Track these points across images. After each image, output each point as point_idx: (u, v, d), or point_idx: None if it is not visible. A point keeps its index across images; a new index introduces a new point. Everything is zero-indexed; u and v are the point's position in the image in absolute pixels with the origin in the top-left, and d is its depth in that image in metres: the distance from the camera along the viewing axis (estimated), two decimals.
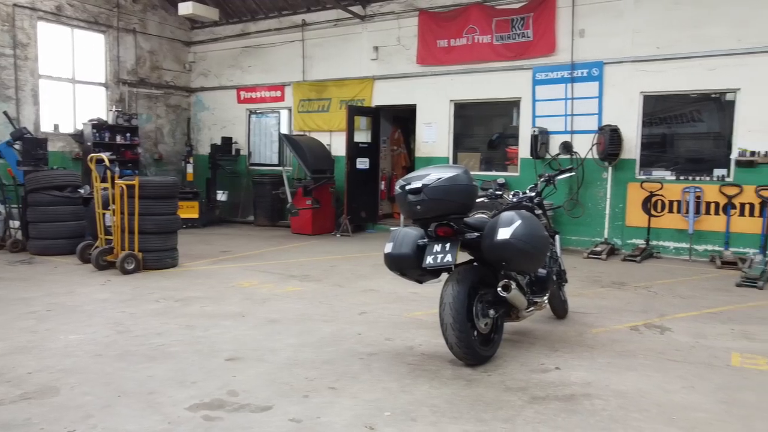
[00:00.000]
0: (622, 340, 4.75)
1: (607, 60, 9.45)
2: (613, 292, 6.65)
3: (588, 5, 9.55)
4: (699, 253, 8.89)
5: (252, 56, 13.39)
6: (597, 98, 9.56)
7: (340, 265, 8.08)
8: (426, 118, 11.22)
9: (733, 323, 5.31)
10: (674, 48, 8.97)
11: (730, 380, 3.89)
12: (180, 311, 5.46)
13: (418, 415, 3.28)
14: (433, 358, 4.26)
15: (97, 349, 4.32)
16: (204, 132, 14.29)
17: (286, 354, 4.29)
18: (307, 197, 11.08)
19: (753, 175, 8.53)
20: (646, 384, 3.80)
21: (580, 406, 3.43)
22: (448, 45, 10.78)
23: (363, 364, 4.10)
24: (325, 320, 5.25)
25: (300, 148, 10.80)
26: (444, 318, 3.89)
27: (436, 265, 3.93)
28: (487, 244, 3.92)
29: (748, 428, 3.18)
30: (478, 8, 10.43)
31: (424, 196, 3.82)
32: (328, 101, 12.24)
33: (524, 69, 10.14)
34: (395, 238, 4.25)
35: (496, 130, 11.03)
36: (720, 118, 8.96)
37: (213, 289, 6.45)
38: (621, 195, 9.44)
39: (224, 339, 4.63)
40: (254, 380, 3.76)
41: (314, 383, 3.73)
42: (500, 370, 4.01)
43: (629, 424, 3.21)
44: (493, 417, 3.26)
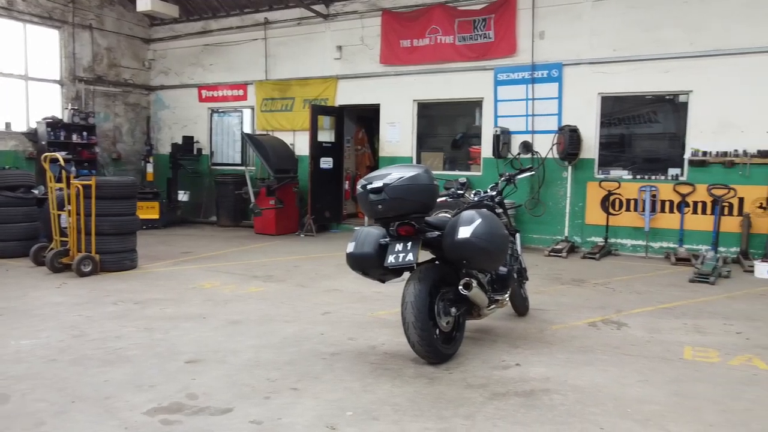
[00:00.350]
0: (580, 336, 4.85)
1: (567, 61, 9.64)
2: (572, 289, 6.78)
3: (547, 7, 9.72)
4: (655, 250, 9.14)
5: (214, 54, 13.20)
6: (557, 99, 9.74)
7: (303, 265, 8.04)
8: (389, 117, 11.24)
9: (686, 318, 5.48)
10: (630, 50, 9.20)
11: (683, 373, 4.01)
12: (139, 314, 5.35)
13: (380, 414, 3.28)
14: (395, 356, 4.28)
15: (51, 354, 4.20)
16: (164, 131, 14.02)
17: (248, 355, 4.25)
18: (271, 197, 10.98)
19: (705, 175, 8.82)
20: (603, 378, 3.89)
21: (539, 402, 3.49)
22: (411, 45, 10.82)
23: (325, 364, 4.09)
24: (288, 321, 5.21)
25: (263, 147, 10.69)
26: (406, 317, 3.91)
27: (398, 264, 3.94)
28: (447, 242, 3.96)
29: (698, 419, 3.28)
30: (441, 9, 10.50)
31: (385, 196, 3.83)
32: (291, 100, 12.15)
33: (486, 70, 10.26)
34: (357, 238, 4.25)
35: (460, 130, 11.13)
36: (674, 119, 9.23)
37: (173, 290, 6.33)
38: (581, 194, 9.64)
39: (184, 341, 4.56)
40: (214, 382, 3.71)
41: (276, 384, 3.70)
42: (462, 368, 4.04)
43: (586, 417, 3.28)
44: (453, 414, 3.29)
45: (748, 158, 8.55)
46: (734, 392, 3.68)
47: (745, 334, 4.98)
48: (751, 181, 8.54)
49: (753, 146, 8.52)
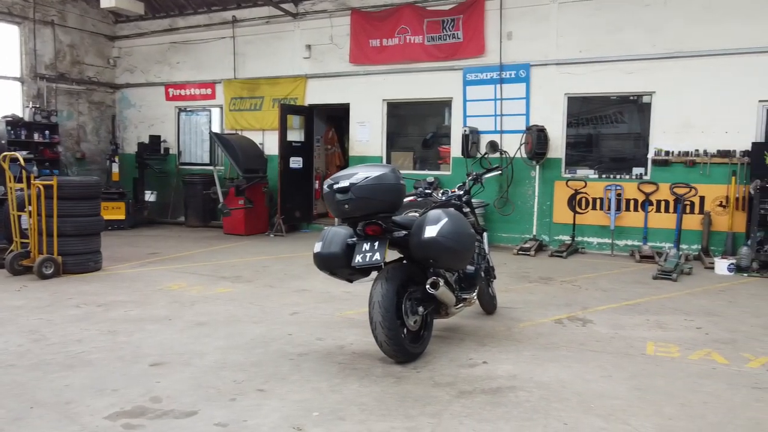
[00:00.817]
0: (546, 333, 4.92)
1: (534, 62, 9.76)
2: (540, 287, 6.87)
3: (515, 8, 9.83)
4: (620, 247, 9.32)
5: (181, 52, 13.00)
6: (525, 99, 9.86)
7: (272, 265, 7.98)
8: (359, 117, 11.23)
9: (648, 314, 5.60)
10: (595, 51, 9.37)
11: (644, 368, 4.10)
12: (102, 316, 5.24)
13: (346, 414, 3.28)
14: (363, 356, 4.28)
15: (9, 359, 4.08)
16: (130, 130, 13.76)
17: (214, 357, 4.20)
18: (240, 197, 10.87)
19: (667, 174, 9.02)
20: (568, 374, 3.95)
21: (505, 399, 3.52)
22: (380, 45, 10.83)
23: (293, 364, 4.07)
24: (255, 321, 5.17)
25: (231, 147, 10.58)
26: (373, 316, 3.91)
27: (365, 263, 3.94)
28: (414, 242, 3.97)
29: (658, 413, 3.35)
30: (410, 9, 10.53)
31: (351, 195, 3.82)
32: (260, 99, 12.04)
33: (455, 70, 10.33)
34: (324, 238, 4.23)
35: (429, 129, 11.19)
36: (639, 120, 9.43)
37: (138, 292, 6.22)
38: (548, 193, 9.77)
39: (149, 344, 4.48)
40: (179, 385, 3.66)
41: (242, 386, 3.66)
42: (430, 366, 4.06)
43: (550, 413, 3.32)
44: (420, 413, 3.31)
45: (708, 158, 8.78)
46: (693, 386, 3.78)
47: (705, 329, 5.11)
48: (711, 180, 8.77)
49: (713, 146, 8.75)
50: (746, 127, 8.59)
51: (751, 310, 5.85)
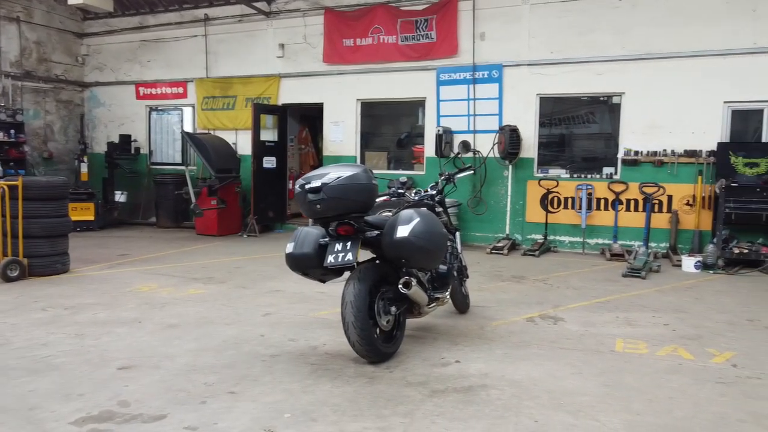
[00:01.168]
0: (518, 332, 4.96)
1: (506, 63, 9.85)
2: (512, 285, 6.93)
3: (488, 9, 9.90)
4: (591, 246, 9.46)
5: (152, 50, 12.81)
6: (497, 99, 9.94)
7: (245, 266, 7.91)
8: (333, 117, 11.20)
9: (618, 311, 5.69)
10: (566, 53, 9.49)
11: (613, 365, 4.16)
12: (69, 319, 5.14)
13: (318, 415, 3.26)
14: (336, 357, 4.26)
15: None
16: (100, 129, 13.51)
17: (184, 360, 4.14)
18: (213, 197, 10.76)
19: (637, 173, 9.19)
20: (539, 372, 3.99)
21: (477, 397, 3.54)
22: (354, 44, 10.81)
23: (265, 366, 4.04)
24: (227, 323, 5.11)
25: (203, 146, 10.46)
26: (346, 316, 3.90)
27: (338, 264, 3.93)
28: (386, 241, 3.97)
29: (626, 408, 3.41)
30: (383, 9, 10.53)
31: (323, 195, 3.80)
32: (233, 99, 11.93)
33: (429, 70, 10.37)
34: (296, 238, 4.21)
35: (403, 129, 11.21)
36: (609, 120, 9.58)
37: (107, 294, 6.11)
38: (521, 192, 9.87)
39: (117, 347, 4.40)
40: (148, 389, 3.60)
41: (213, 388, 3.62)
42: (402, 366, 4.07)
43: (521, 411, 3.35)
44: (392, 413, 3.31)
45: (675, 158, 8.96)
46: (660, 382, 3.85)
47: (672, 325, 5.22)
48: (678, 179, 8.95)
49: (680, 146, 8.94)
50: (712, 128, 8.79)
51: (716, 306, 5.98)
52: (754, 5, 8.50)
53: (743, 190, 8.12)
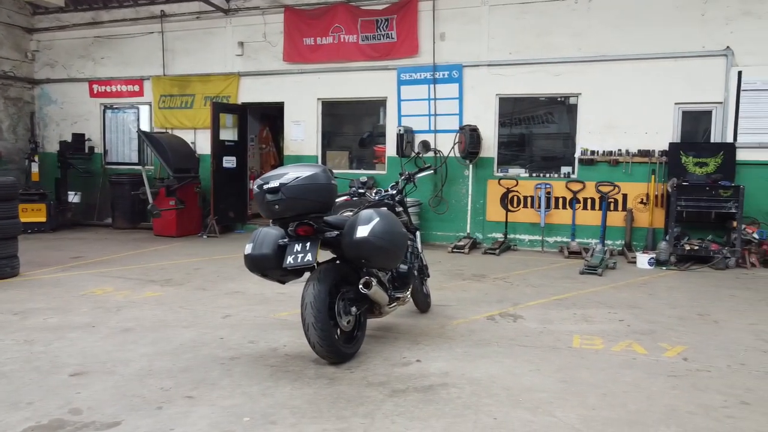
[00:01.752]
0: (478, 330, 5.01)
1: (466, 63, 9.94)
2: (473, 284, 6.99)
3: (448, 10, 9.97)
4: (550, 244, 9.63)
5: (106, 47, 12.46)
6: (458, 99, 10.02)
7: (205, 267, 7.77)
8: (294, 116, 11.11)
9: (575, 308, 5.80)
10: (525, 54, 9.63)
11: (570, 361, 4.24)
12: (18, 325, 4.95)
13: (277, 418, 3.23)
14: (296, 358, 4.23)
15: None
16: (51, 128, 13.08)
17: (140, 364, 4.04)
18: (171, 198, 10.54)
19: (593, 172, 9.39)
20: (498, 370, 4.03)
21: (437, 396, 3.56)
22: (314, 43, 10.75)
23: (223, 369, 3.97)
24: (185, 326, 5.01)
25: (160, 146, 10.24)
26: (306, 318, 3.86)
27: (297, 264, 3.89)
28: (346, 242, 3.95)
29: (582, 404, 3.48)
30: (344, 8, 10.50)
31: (282, 195, 3.77)
32: (191, 97, 11.71)
33: (389, 69, 10.38)
34: (255, 239, 4.15)
35: (365, 128, 11.19)
36: (566, 120, 9.76)
37: (59, 298, 5.92)
38: (481, 191, 9.97)
39: (69, 353, 4.26)
40: (101, 395, 3.50)
41: (169, 393, 3.54)
42: (363, 366, 4.06)
43: (480, 409, 3.38)
44: (353, 413, 3.29)
45: (630, 157, 9.20)
46: (615, 376, 3.94)
47: (627, 321, 5.35)
48: (633, 178, 9.19)
49: (634, 146, 9.18)
50: (664, 128, 9.05)
51: (668, 302, 6.16)
52: (703, 10, 8.79)
53: (694, 189, 8.38)
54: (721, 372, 4.06)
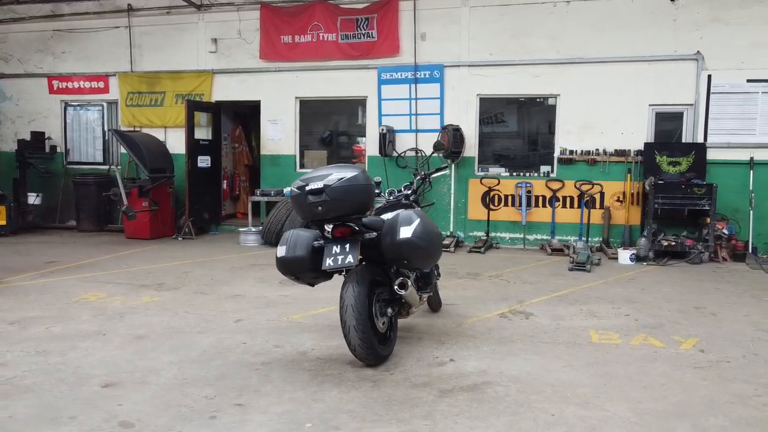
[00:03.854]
0: (496, 328, 5.07)
1: (447, 63, 10.02)
2: (470, 282, 7.07)
3: (429, 10, 10.03)
4: (531, 242, 9.84)
5: (66, 41, 11.90)
6: (439, 99, 10.10)
7: (193, 270, 7.54)
8: (271, 115, 10.92)
9: (578, 304, 5.95)
10: (504, 55, 9.79)
11: (596, 356, 4.35)
12: (20, 335, 4.68)
13: (338, 422, 3.18)
14: (329, 361, 4.17)
15: None
16: (7, 126, 12.38)
17: (170, 373, 3.89)
18: (144, 198, 10.17)
19: (572, 171, 9.65)
20: (532, 367, 4.10)
21: (486, 395, 3.59)
22: (292, 41, 10.60)
23: (260, 375, 3.88)
24: (200, 332, 4.86)
25: (136, 145, 9.87)
26: (346, 320, 3.82)
27: (337, 266, 3.84)
28: (387, 243, 3.92)
29: (626, 397, 3.57)
30: (323, 6, 10.39)
31: (325, 197, 3.71)
32: (161, 95, 11.33)
33: (370, 68, 10.35)
34: (288, 241, 4.07)
35: (343, 127, 11.15)
36: (546, 121, 9.99)
37: (53, 306, 5.63)
38: (463, 191, 10.09)
39: (89, 363, 4.07)
40: (144, 406, 3.35)
41: (215, 402, 3.43)
42: (400, 368, 4.04)
43: (533, 406, 3.43)
44: (411, 415, 3.28)
45: (607, 157, 9.50)
46: (645, 370, 4.07)
47: (632, 316, 5.53)
48: (610, 177, 9.50)
49: (611, 146, 9.49)
50: (639, 129, 9.40)
51: (661, 296, 6.39)
52: (675, 16, 9.17)
53: (669, 187, 8.74)
54: (739, 362, 4.26)
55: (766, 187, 9.02)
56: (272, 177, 10.95)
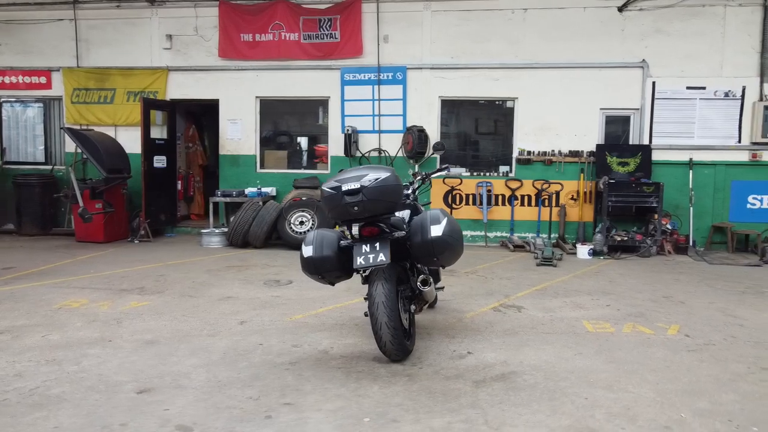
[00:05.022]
0: (496, 321, 5.31)
1: (410, 65, 10.23)
2: (450, 278, 7.26)
3: (391, 13, 10.19)
4: (492, 239, 10.22)
5: (3, 33, 11.17)
6: (402, 100, 10.29)
7: (169, 273, 7.34)
8: (231, 114, 10.73)
9: (560, 297, 6.30)
10: (465, 58, 10.12)
11: (599, 344, 4.67)
12: (18, 345, 4.45)
13: (394, 415, 3.28)
14: (354, 359, 4.24)
15: None
16: None
17: (201, 376, 3.85)
18: (97, 200, 9.73)
19: (529, 171, 10.11)
20: (547, 356, 4.35)
21: (518, 384, 3.79)
22: (253, 39, 10.47)
23: (294, 374, 3.90)
24: (209, 334, 4.80)
25: (92, 144, 9.43)
26: (378, 317, 3.91)
27: (369, 265, 3.93)
28: (418, 241, 4.04)
29: (643, 379, 3.88)
30: (284, 5, 10.33)
31: (362, 197, 3.80)
32: (111, 92, 10.87)
33: (333, 69, 10.39)
34: (314, 242, 4.12)
35: (306, 128, 11.12)
36: (505, 122, 10.41)
37: (36, 314, 5.36)
38: (426, 190, 10.27)
39: (110, 369, 3.94)
40: (192, 410, 3.32)
41: (263, 402, 3.44)
42: (425, 362, 4.18)
43: (565, 391, 3.67)
44: (458, 405, 3.43)
45: (562, 157, 10.02)
46: (647, 354, 4.41)
47: (613, 306, 5.93)
48: (565, 176, 10.03)
49: (566, 147, 10.02)
50: (591, 131, 9.98)
51: (629, 287, 6.86)
52: (623, 26, 9.81)
53: (620, 186, 9.34)
54: (723, 345, 4.69)
55: (703, 185, 9.82)
56: (232, 177, 10.77)
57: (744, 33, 9.62)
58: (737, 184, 9.84)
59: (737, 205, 9.90)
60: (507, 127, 10.36)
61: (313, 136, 11.04)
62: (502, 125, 10.47)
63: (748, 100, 9.66)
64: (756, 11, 9.59)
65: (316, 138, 10.96)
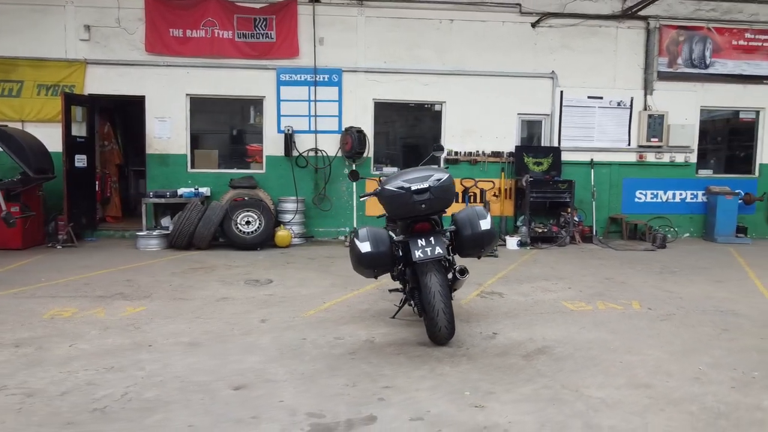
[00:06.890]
0: (491, 306, 5.91)
1: (345, 68, 10.56)
2: None
3: (326, 16, 10.44)
4: None
5: None
6: (337, 102, 10.59)
7: (135, 278, 7.04)
8: (158, 112, 10.31)
9: (526, 282, 7.06)
10: (397, 63, 10.67)
11: (590, 319, 5.42)
12: (52, 357, 4.22)
13: (486, 389, 3.72)
14: (401, 345, 4.59)
15: (66, 417, 3.20)
16: None
17: (282, 370, 4.01)
18: (14, 203, 8.90)
19: (457, 170, 10.91)
20: (560, 332, 5.02)
21: (557, 355, 4.40)
22: (183, 35, 10.16)
23: (366, 362, 4.18)
24: (243, 333, 4.87)
25: (16, 142, 8.59)
26: (435, 305, 4.32)
27: (428, 257, 4.32)
28: (469, 234, 4.51)
29: (646, 344, 4.66)
30: (217, 2, 10.15)
31: (430, 195, 4.20)
32: (19, 84, 9.93)
33: (268, 69, 10.42)
34: (369, 238, 4.44)
35: (239, 127, 10.98)
36: (434, 124, 11.10)
37: (33, 325, 5.02)
38: (361, 189, 10.70)
39: (182, 371, 3.95)
40: (306, 399, 3.51)
41: (362, 388, 3.71)
42: (468, 344, 4.65)
43: (599, 357, 4.34)
44: (529, 375, 3.96)
45: (485, 157, 10.95)
46: (632, 325, 5.25)
47: (574, 288, 6.80)
48: (488, 175, 10.97)
49: (488, 148, 10.96)
50: (510, 134, 11.02)
51: (571, 271, 7.83)
52: (535, 40, 10.95)
53: (539, 183, 10.46)
54: (682, 314, 5.68)
55: (601, 182, 11.28)
56: (161, 177, 10.36)
57: (632, 52, 11.20)
58: (627, 181, 11.43)
59: (628, 198, 11.50)
60: (436, 128, 11.08)
61: (247, 135, 10.95)
62: (432, 127, 11.17)
63: (635, 109, 11.26)
64: (640, 33, 11.21)
65: (250, 137, 10.88)
